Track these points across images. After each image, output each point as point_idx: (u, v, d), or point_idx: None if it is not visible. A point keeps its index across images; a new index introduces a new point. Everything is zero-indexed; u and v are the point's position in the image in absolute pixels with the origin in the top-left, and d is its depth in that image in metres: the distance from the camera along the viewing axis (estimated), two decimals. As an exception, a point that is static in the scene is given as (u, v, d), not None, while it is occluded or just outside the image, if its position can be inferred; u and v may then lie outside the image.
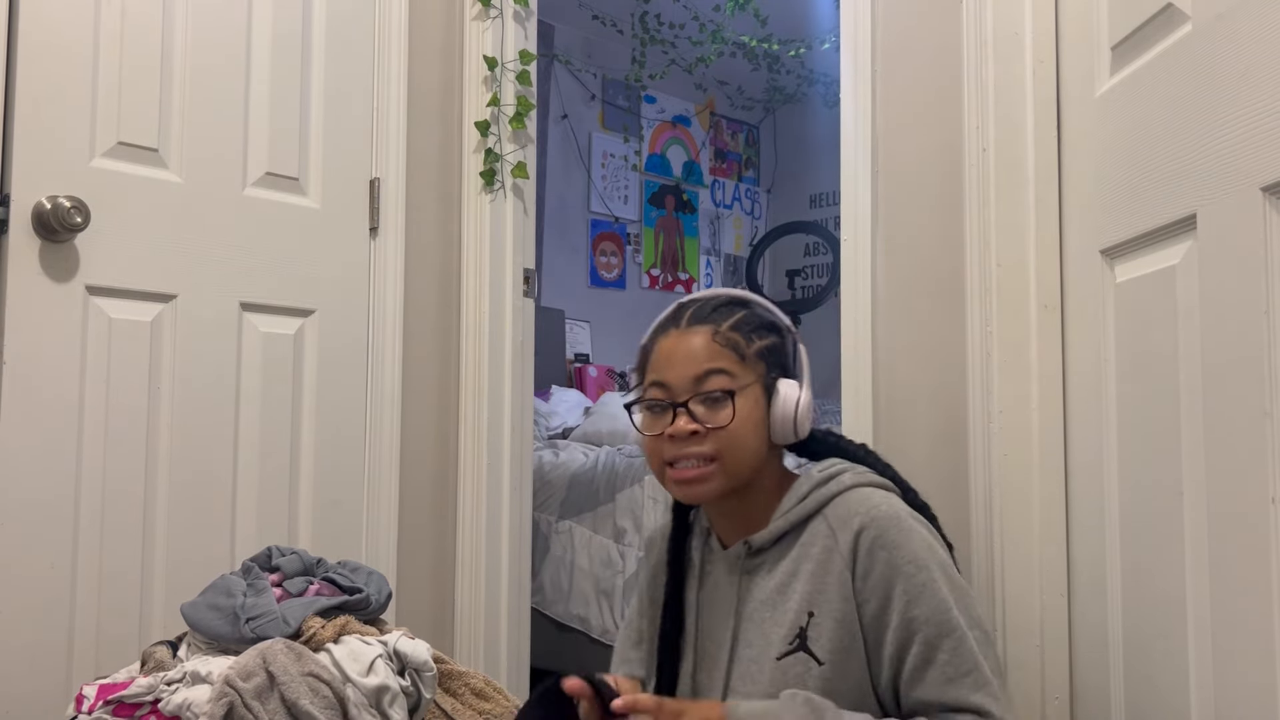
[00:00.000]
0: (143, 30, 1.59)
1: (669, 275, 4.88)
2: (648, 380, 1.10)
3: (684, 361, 1.06)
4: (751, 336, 1.08)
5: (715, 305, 1.10)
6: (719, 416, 1.04)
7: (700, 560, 1.15)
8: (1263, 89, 0.87)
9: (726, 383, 1.04)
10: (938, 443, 1.47)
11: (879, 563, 0.99)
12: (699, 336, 1.07)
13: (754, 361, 1.07)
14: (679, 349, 1.07)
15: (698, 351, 1.06)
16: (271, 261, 1.74)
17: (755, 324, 1.09)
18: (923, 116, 1.53)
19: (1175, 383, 1.01)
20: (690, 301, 1.12)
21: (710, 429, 1.03)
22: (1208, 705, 0.96)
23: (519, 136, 2.04)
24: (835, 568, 1.01)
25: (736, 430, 1.03)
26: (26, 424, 1.44)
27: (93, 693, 1.15)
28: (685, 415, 1.04)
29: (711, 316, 1.08)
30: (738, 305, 1.11)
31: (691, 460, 1.04)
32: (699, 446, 1.04)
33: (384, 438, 1.87)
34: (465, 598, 1.96)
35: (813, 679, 0.99)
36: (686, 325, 1.09)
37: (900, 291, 1.55)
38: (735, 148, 5.27)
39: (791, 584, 1.04)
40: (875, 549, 0.99)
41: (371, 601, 1.30)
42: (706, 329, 1.07)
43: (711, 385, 1.04)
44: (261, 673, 1.08)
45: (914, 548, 0.99)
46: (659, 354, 1.09)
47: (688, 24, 3.96)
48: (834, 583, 1.01)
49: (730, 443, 1.04)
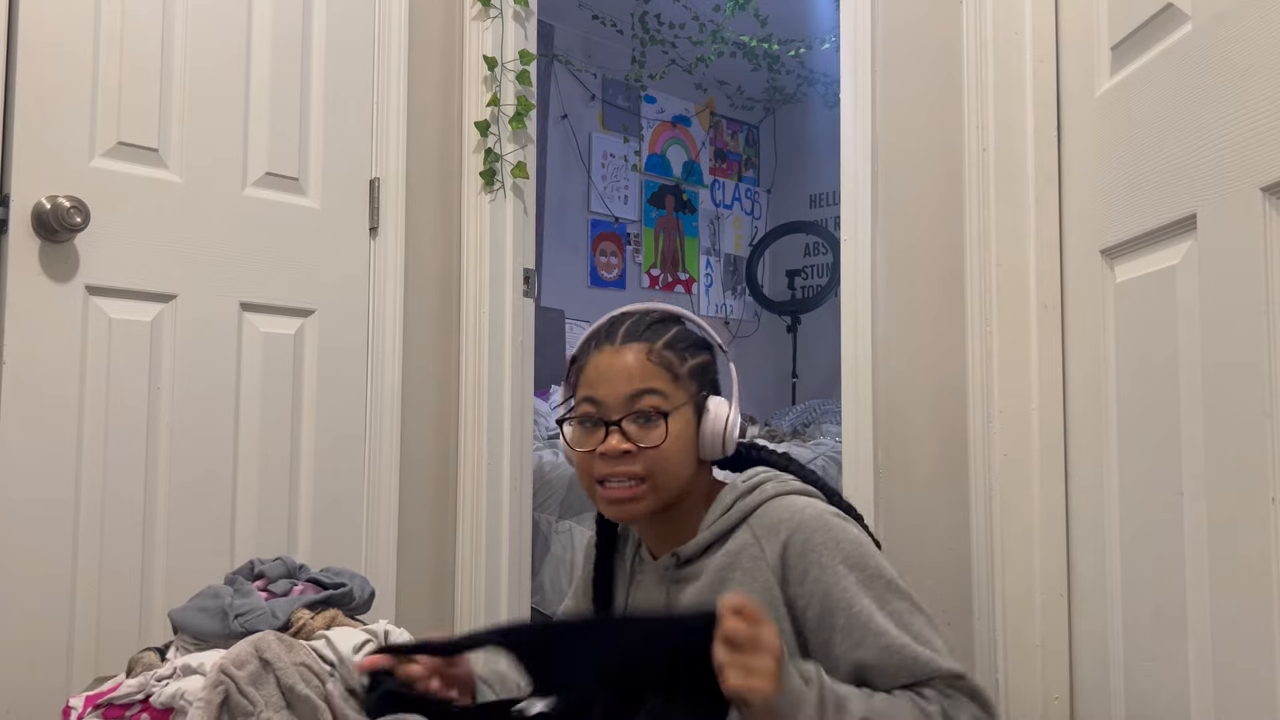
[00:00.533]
0: (143, 30, 1.59)
1: (669, 275, 4.88)
2: (579, 395, 1.08)
3: (617, 379, 1.05)
4: (685, 354, 1.08)
5: (650, 322, 1.09)
6: (651, 436, 1.04)
7: (631, 569, 1.16)
8: (1263, 89, 0.87)
9: (659, 403, 1.04)
10: (938, 443, 1.47)
11: (812, 566, 0.99)
12: (633, 354, 1.06)
13: (686, 381, 1.07)
14: (613, 366, 1.06)
15: (632, 369, 1.05)
16: (271, 261, 1.74)
17: (688, 342, 1.10)
18: (922, 116, 1.53)
19: (1175, 383, 1.01)
20: (623, 316, 1.12)
21: (642, 448, 1.03)
22: (1208, 705, 0.96)
23: (519, 136, 2.04)
24: (761, 576, 1.02)
25: (668, 450, 1.04)
26: (26, 424, 1.44)
27: (79, 703, 1.14)
28: (618, 434, 1.04)
29: (645, 334, 1.08)
30: (671, 322, 1.11)
31: (622, 479, 1.04)
32: (630, 466, 1.04)
33: (384, 438, 1.87)
34: (465, 598, 1.96)
35: None
36: (621, 342, 1.07)
37: (900, 291, 1.55)
38: (735, 148, 5.27)
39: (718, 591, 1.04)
40: (806, 553, 1.00)
41: (355, 596, 1.31)
42: (641, 346, 1.06)
43: (645, 405, 1.04)
44: (255, 660, 1.08)
45: (843, 546, 1.00)
46: (592, 369, 1.08)
47: (688, 24, 3.96)
48: (760, 590, 1.01)
49: (661, 463, 1.04)
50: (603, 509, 1.08)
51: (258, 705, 1.04)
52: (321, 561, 1.53)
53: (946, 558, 1.44)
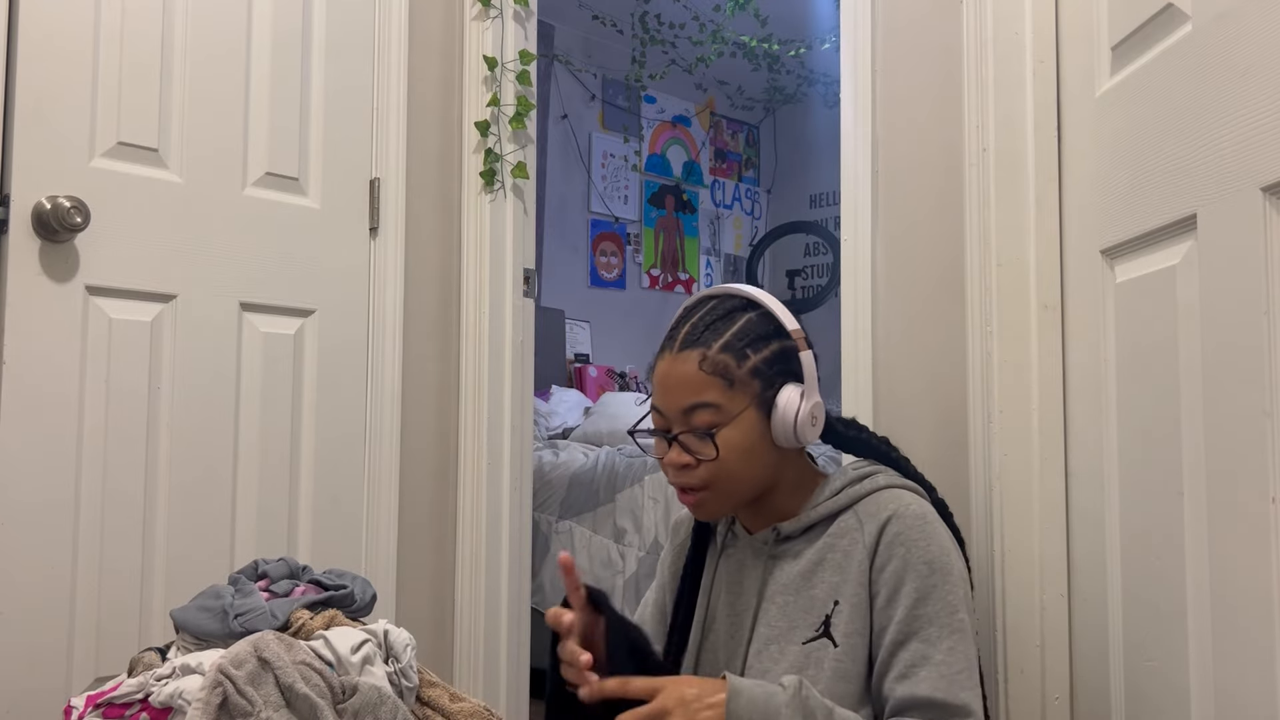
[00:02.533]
0: (143, 30, 1.59)
1: (669, 275, 4.88)
2: (652, 401, 1.12)
3: (674, 391, 1.07)
4: (745, 353, 1.07)
5: (710, 321, 1.09)
6: (707, 450, 1.06)
7: (722, 543, 1.19)
8: (1263, 89, 0.87)
9: (712, 417, 1.05)
10: (938, 443, 1.47)
11: (896, 557, 1.02)
12: (687, 364, 1.06)
13: (745, 383, 1.06)
14: (670, 376, 1.08)
15: (686, 382, 1.06)
16: (271, 261, 1.74)
17: (751, 337, 1.08)
18: (923, 116, 1.53)
19: (1175, 383, 1.01)
20: (689, 312, 1.12)
21: (701, 460, 1.06)
22: (1208, 705, 0.96)
23: (519, 136, 2.04)
24: (857, 557, 1.05)
25: (725, 461, 1.06)
26: (26, 424, 1.44)
27: (80, 702, 1.14)
28: (678, 447, 1.07)
29: (703, 337, 1.07)
30: (738, 313, 1.10)
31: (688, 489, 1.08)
32: (690, 477, 1.07)
33: (384, 437, 1.87)
34: (465, 598, 1.96)
35: (829, 660, 1.03)
36: (679, 348, 1.08)
37: (900, 292, 1.55)
38: (735, 148, 5.27)
39: (817, 572, 1.08)
40: (895, 543, 1.03)
41: (356, 598, 1.31)
42: (695, 355, 1.06)
43: (698, 421, 1.06)
44: (253, 660, 1.08)
45: (932, 549, 1.02)
46: (657, 377, 1.11)
47: (688, 24, 3.96)
48: (855, 572, 1.05)
49: (720, 473, 1.06)
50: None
51: (256, 705, 1.04)
52: (321, 561, 1.53)
53: (946, 558, 1.44)
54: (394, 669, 1.20)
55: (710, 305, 1.11)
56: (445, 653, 1.95)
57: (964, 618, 1.00)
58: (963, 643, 0.99)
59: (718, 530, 1.21)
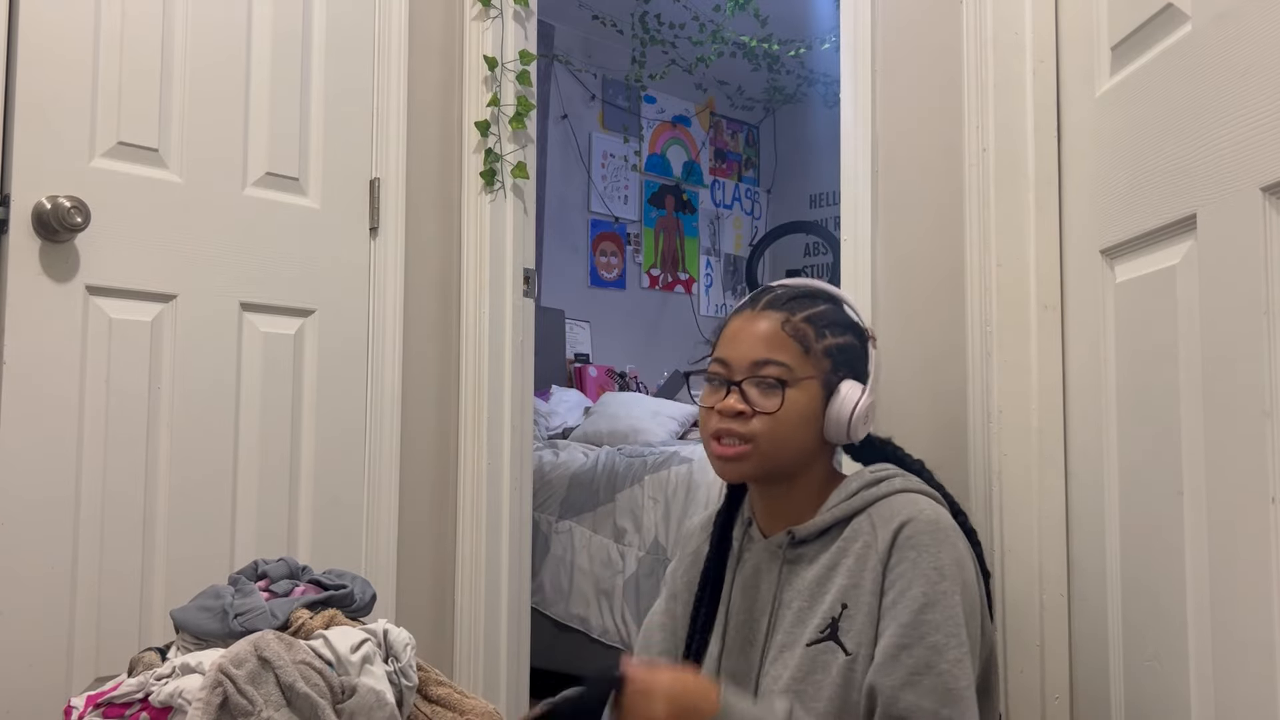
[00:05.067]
0: (143, 30, 1.58)
1: (669, 275, 4.88)
2: (714, 354, 1.13)
3: (747, 343, 1.09)
4: (824, 332, 1.10)
5: (797, 294, 1.13)
6: (768, 403, 1.06)
7: (739, 548, 1.19)
8: (1263, 89, 0.87)
9: (782, 373, 1.07)
10: (938, 443, 1.47)
11: (906, 560, 1.02)
12: (768, 322, 1.09)
13: (818, 357, 1.09)
14: (746, 330, 1.10)
15: (762, 336, 1.09)
16: (271, 261, 1.74)
17: (831, 321, 1.12)
18: (922, 116, 1.53)
19: (1175, 383, 1.01)
20: (776, 286, 1.15)
21: (757, 412, 1.06)
22: (1208, 705, 0.96)
23: (519, 136, 2.04)
24: (871, 563, 1.04)
25: (781, 419, 1.06)
26: (26, 424, 1.44)
27: (81, 702, 1.14)
28: (736, 394, 1.07)
29: (789, 305, 1.11)
30: (821, 299, 1.13)
31: (732, 438, 1.07)
32: (741, 426, 1.07)
33: (384, 438, 1.87)
34: (465, 598, 1.96)
35: (837, 667, 1.02)
36: (761, 309, 1.11)
37: (900, 292, 1.55)
38: (735, 148, 5.27)
39: (831, 576, 1.07)
40: (907, 547, 1.02)
41: (356, 598, 1.31)
42: (778, 315, 1.10)
43: (767, 372, 1.07)
44: (253, 659, 1.08)
45: (943, 556, 1.01)
46: (729, 330, 1.13)
47: (688, 24, 3.95)
48: (869, 578, 1.04)
49: (772, 430, 1.06)
50: (713, 464, 1.12)
51: (257, 704, 1.04)
52: (321, 561, 1.53)
53: (946, 558, 1.44)
54: (394, 668, 1.20)
55: (793, 287, 1.14)
56: (445, 653, 1.95)
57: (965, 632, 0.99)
58: (967, 658, 0.98)
59: (735, 533, 1.20)
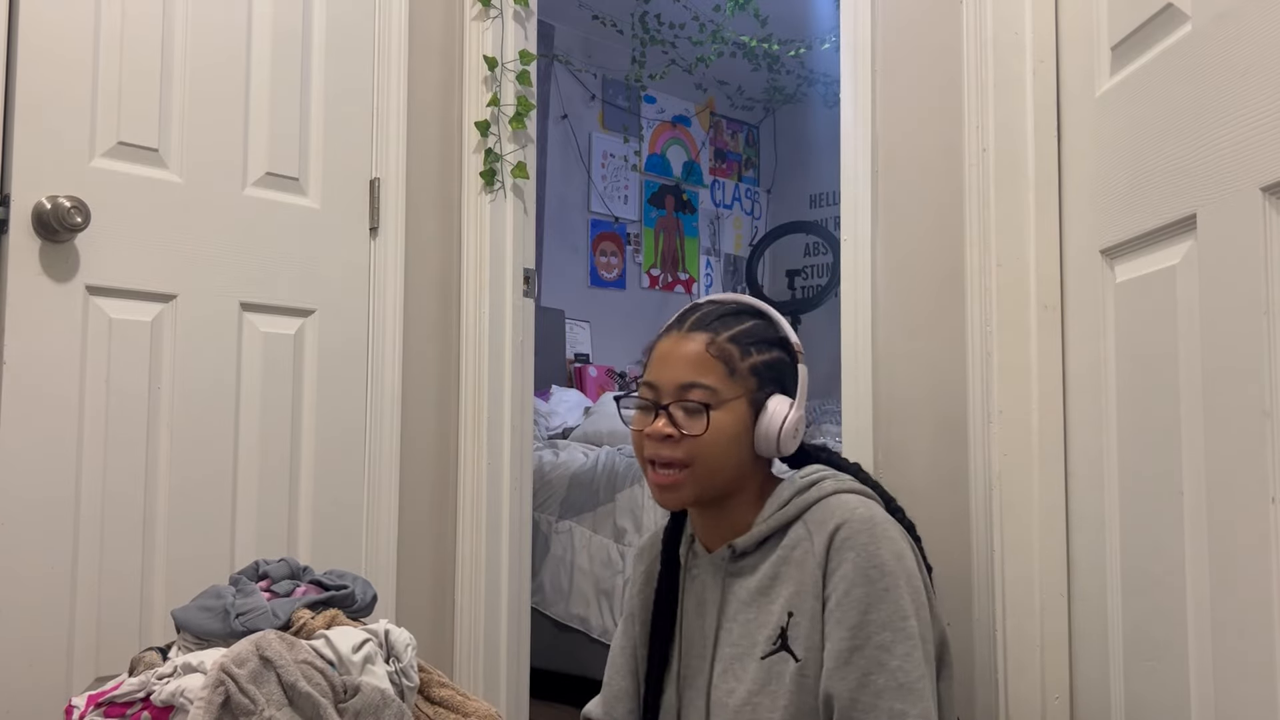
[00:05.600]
0: (143, 30, 1.58)
1: (669, 275, 4.88)
2: (644, 377, 1.14)
3: (674, 366, 1.10)
4: (750, 350, 1.10)
5: (722, 313, 1.13)
6: (694, 425, 1.07)
7: (685, 564, 1.19)
8: (1263, 89, 0.87)
9: (707, 396, 1.08)
10: (938, 443, 1.47)
11: (846, 561, 1.02)
12: (693, 344, 1.10)
13: (744, 376, 1.10)
14: (673, 353, 1.11)
15: (688, 359, 1.09)
16: (271, 261, 1.74)
17: (757, 338, 1.12)
18: (923, 116, 1.53)
19: (1175, 383, 1.01)
20: (701, 304, 1.15)
21: (685, 435, 1.07)
22: (1208, 705, 0.96)
23: (519, 136, 2.04)
24: (809, 568, 1.05)
25: (710, 441, 1.07)
26: (26, 424, 1.44)
27: (82, 702, 1.14)
28: (665, 418, 1.08)
29: (714, 325, 1.11)
30: (746, 316, 1.14)
31: (667, 466, 1.08)
32: (673, 451, 1.08)
33: (384, 438, 1.87)
34: (465, 598, 1.96)
35: (790, 674, 1.04)
36: (687, 330, 1.11)
37: (900, 292, 1.55)
38: (735, 148, 5.27)
39: (773, 586, 1.08)
40: (844, 548, 1.03)
41: (357, 598, 1.31)
42: (703, 337, 1.10)
43: (693, 396, 1.08)
44: (255, 659, 1.08)
45: (882, 553, 1.02)
46: (656, 353, 1.13)
47: (688, 24, 3.95)
48: (809, 583, 1.05)
49: (702, 452, 1.07)
50: (653, 494, 1.12)
51: (259, 703, 1.04)
52: (322, 561, 1.53)
53: (946, 558, 1.44)
54: (395, 668, 1.20)
55: (720, 304, 1.15)
56: (445, 653, 1.95)
57: (914, 625, 1.00)
58: (916, 649, 0.99)
59: (680, 550, 1.20)
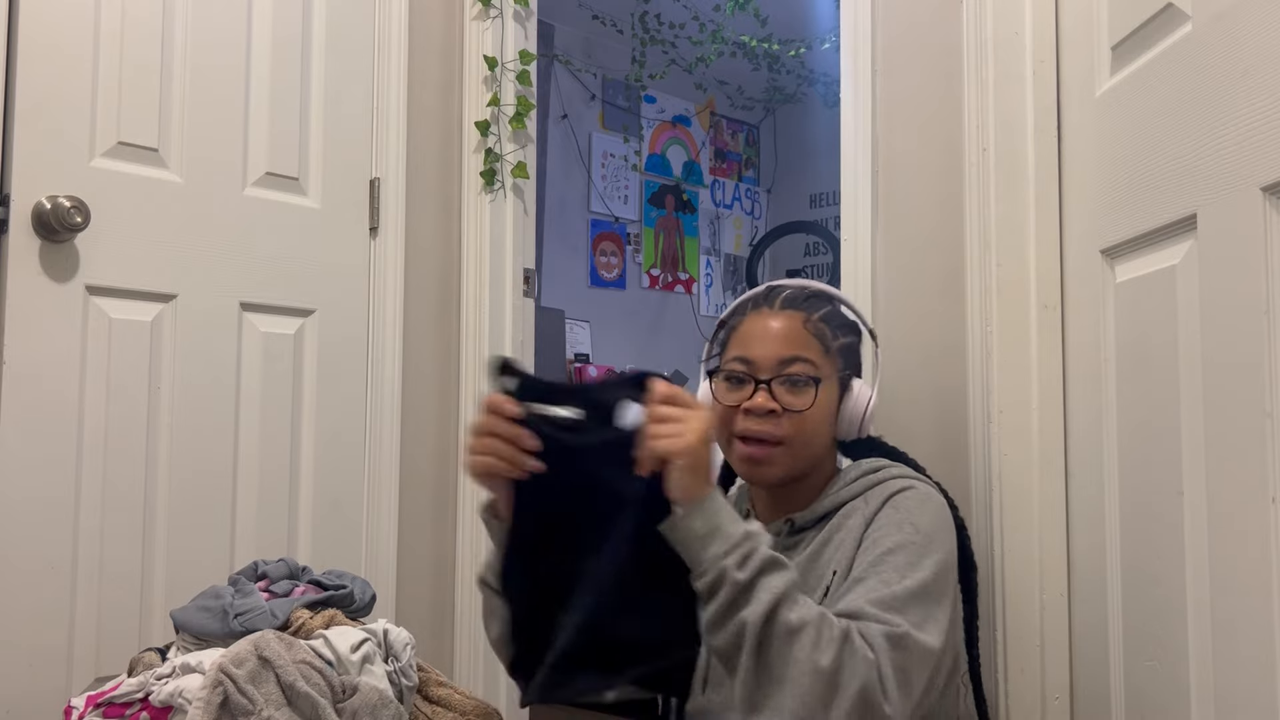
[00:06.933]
0: (143, 30, 1.58)
1: (669, 275, 4.88)
2: (730, 354, 1.11)
3: (773, 341, 1.08)
4: (836, 332, 1.12)
5: (808, 295, 1.14)
6: (799, 400, 1.06)
7: None
8: (1263, 89, 0.87)
9: (811, 370, 1.07)
10: (938, 443, 1.47)
11: (886, 517, 1.02)
12: (790, 320, 1.10)
13: (835, 356, 1.11)
14: (769, 328, 1.10)
15: (788, 334, 1.08)
16: (271, 261, 1.74)
17: (840, 321, 1.14)
18: (923, 116, 1.53)
19: (1175, 383, 1.01)
20: (782, 286, 1.15)
21: (788, 410, 1.06)
22: (1208, 705, 0.96)
23: (519, 136, 2.04)
24: (855, 528, 1.04)
25: (812, 417, 1.06)
26: (26, 424, 1.44)
27: (81, 702, 1.14)
28: (765, 393, 1.06)
29: (804, 304, 1.12)
30: (826, 300, 1.15)
31: (762, 440, 1.06)
32: (773, 426, 1.06)
33: (384, 437, 1.87)
34: (465, 598, 1.95)
35: None
36: (779, 307, 1.11)
37: (900, 291, 1.55)
38: (735, 148, 5.27)
39: (823, 551, 1.07)
40: (890, 507, 1.02)
41: (356, 599, 1.31)
42: (799, 314, 1.10)
43: (796, 370, 1.07)
44: (254, 659, 1.08)
45: (924, 520, 1.01)
46: (746, 329, 1.11)
47: (688, 24, 3.95)
48: (852, 541, 1.03)
49: (803, 429, 1.06)
50: (737, 466, 1.11)
51: (257, 703, 1.04)
52: (321, 561, 1.53)
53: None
54: (394, 668, 1.20)
55: (801, 285, 1.15)
56: (445, 653, 1.95)
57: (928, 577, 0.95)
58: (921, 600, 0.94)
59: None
